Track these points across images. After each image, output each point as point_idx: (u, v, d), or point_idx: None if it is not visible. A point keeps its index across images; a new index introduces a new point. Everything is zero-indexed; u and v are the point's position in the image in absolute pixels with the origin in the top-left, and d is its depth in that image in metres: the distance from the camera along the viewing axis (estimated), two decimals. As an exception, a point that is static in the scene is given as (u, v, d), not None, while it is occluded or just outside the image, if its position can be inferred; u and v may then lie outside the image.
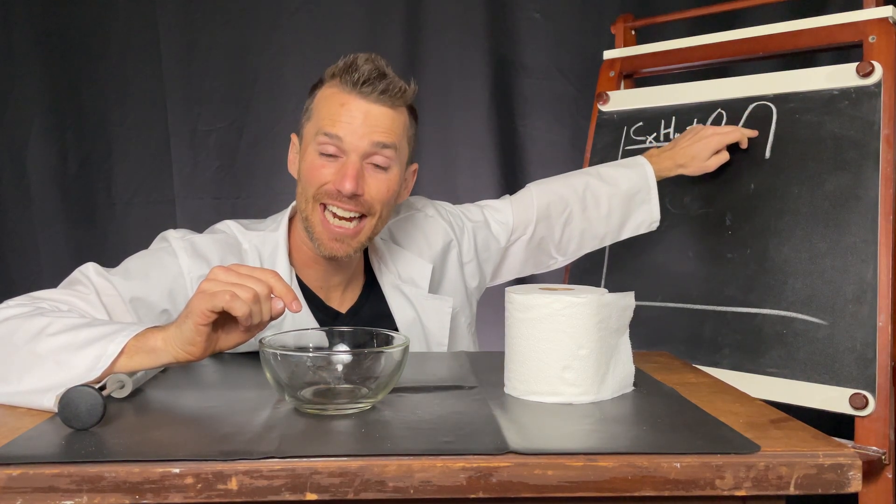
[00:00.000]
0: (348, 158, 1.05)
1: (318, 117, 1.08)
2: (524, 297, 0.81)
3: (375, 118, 1.05)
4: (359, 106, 1.05)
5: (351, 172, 1.04)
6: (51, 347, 0.80)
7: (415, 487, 0.61)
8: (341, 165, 1.06)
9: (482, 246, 1.32)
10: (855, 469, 0.63)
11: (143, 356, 0.81)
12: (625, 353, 0.85)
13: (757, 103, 1.43)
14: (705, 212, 1.46)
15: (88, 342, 0.80)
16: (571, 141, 1.96)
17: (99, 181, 1.97)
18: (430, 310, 1.21)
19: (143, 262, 1.07)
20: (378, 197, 1.08)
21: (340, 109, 1.05)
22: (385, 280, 1.21)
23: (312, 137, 1.08)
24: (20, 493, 0.58)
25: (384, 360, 0.75)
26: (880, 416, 1.17)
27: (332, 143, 1.05)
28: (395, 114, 1.07)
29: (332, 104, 1.06)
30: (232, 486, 0.60)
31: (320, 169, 1.07)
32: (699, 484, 0.62)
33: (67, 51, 1.92)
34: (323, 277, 1.16)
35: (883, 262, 1.21)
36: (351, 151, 1.05)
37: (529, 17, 1.97)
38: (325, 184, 1.06)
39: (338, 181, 1.05)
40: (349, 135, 1.05)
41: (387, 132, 1.06)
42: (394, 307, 1.19)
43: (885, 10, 1.30)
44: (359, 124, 1.04)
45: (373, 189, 1.07)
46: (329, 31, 1.95)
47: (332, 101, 1.07)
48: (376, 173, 1.07)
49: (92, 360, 0.79)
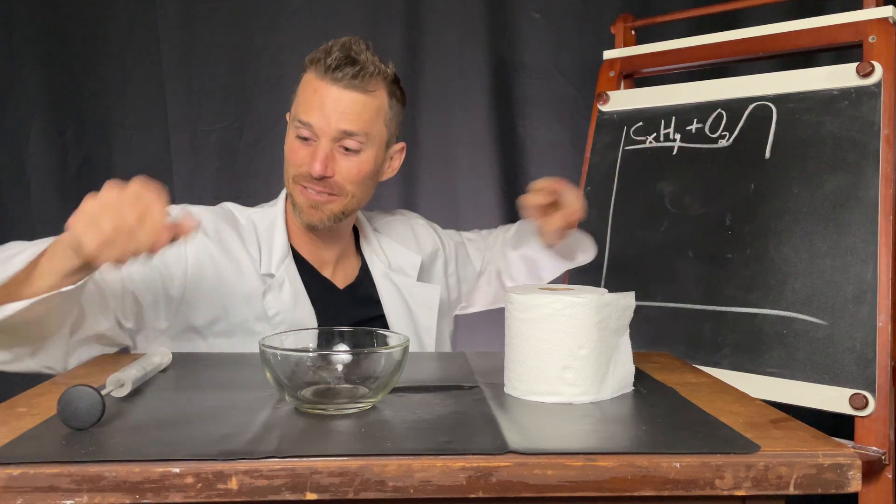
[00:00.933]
0: (319, 143, 1.11)
1: (296, 103, 1.15)
2: (524, 297, 0.81)
3: (346, 104, 1.10)
4: (329, 92, 1.10)
5: (319, 156, 1.10)
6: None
7: (415, 487, 0.61)
8: (313, 150, 1.12)
9: (462, 263, 1.41)
10: (855, 469, 0.63)
11: (55, 259, 0.86)
12: (625, 353, 0.85)
13: (757, 103, 1.43)
14: (705, 212, 1.46)
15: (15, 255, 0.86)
16: (571, 141, 1.96)
17: (99, 181, 1.95)
18: (418, 296, 1.27)
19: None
20: (349, 178, 1.14)
21: (313, 96, 1.11)
22: (375, 268, 1.26)
23: (292, 122, 1.15)
24: (20, 493, 0.58)
25: (384, 360, 0.75)
26: (880, 416, 1.17)
27: (306, 129, 1.11)
28: (366, 98, 1.12)
29: (308, 90, 1.12)
30: (232, 485, 0.60)
31: (296, 152, 1.14)
32: (699, 484, 0.62)
33: (67, 51, 1.92)
34: (315, 251, 1.23)
35: (883, 262, 1.21)
36: (321, 136, 1.11)
37: (529, 17, 1.97)
38: (301, 166, 1.13)
39: (308, 163, 1.11)
40: (319, 120, 1.10)
41: (355, 119, 1.11)
42: (382, 293, 1.24)
43: (885, 10, 1.30)
44: (329, 111, 1.10)
45: (343, 171, 1.13)
46: (329, 31, 1.94)
47: (307, 87, 1.13)
48: (347, 156, 1.13)
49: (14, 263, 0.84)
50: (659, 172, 1.55)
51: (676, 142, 1.54)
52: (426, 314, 1.26)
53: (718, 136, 1.48)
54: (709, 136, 1.49)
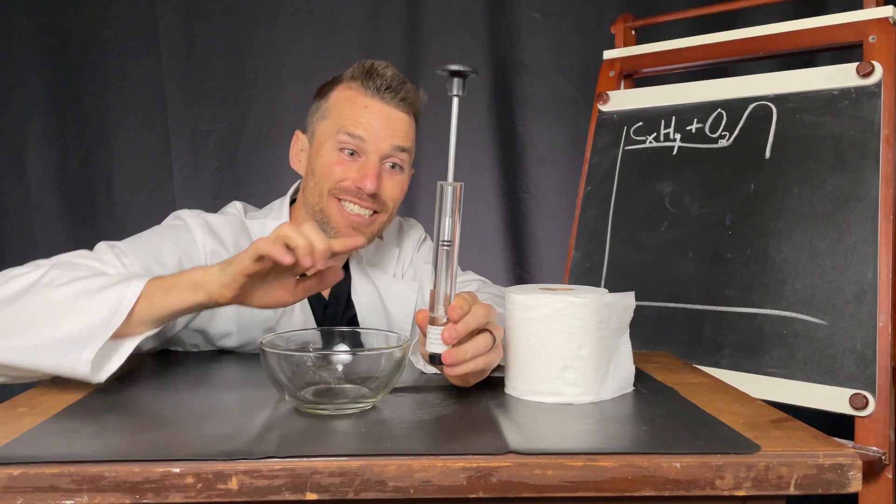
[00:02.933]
0: (368, 158, 1.11)
1: (338, 117, 1.12)
2: (524, 297, 0.81)
3: (396, 122, 1.12)
4: (381, 109, 1.11)
5: (372, 172, 1.09)
6: (66, 295, 0.79)
7: (415, 487, 0.61)
8: (362, 165, 1.11)
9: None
10: (855, 469, 0.63)
11: (176, 293, 0.80)
12: (625, 354, 0.85)
13: (757, 103, 1.43)
14: (705, 212, 1.46)
15: (105, 287, 0.79)
16: (571, 141, 1.96)
17: (99, 181, 1.96)
18: (393, 294, 1.25)
19: (155, 235, 1.08)
20: (392, 196, 1.14)
21: (364, 111, 1.11)
22: (352, 263, 1.24)
23: (331, 136, 1.12)
24: (20, 493, 0.58)
25: (384, 360, 0.75)
26: (880, 417, 1.17)
27: (354, 142, 1.10)
28: (410, 119, 1.14)
29: (355, 106, 1.11)
30: (232, 485, 0.60)
31: (338, 165, 1.11)
32: (699, 484, 0.62)
33: (67, 51, 1.92)
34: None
35: (883, 262, 1.21)
36: (372, 152, 1.10)
37: (529, 17, 1.97)
38: (343, 180, 1.11)
39: (358, 179, 1.10)
40: (372, 136, 1.10)
41: (405, 136, 1.13)
42: (357, 291, 1.22)
43: (885, 10, 1.30)
44: (381, 127, 1.10)
45: (388, 189, 1.13)
46: (329, 31, 1.95)
47: (354, 102, 1.12)
48: (392, 174, 1.14)
49: (113, 302, 0.77)
50: (659, 172, 1.55)
51: (676, 142, 1.54)
52: (403, 315, 1.25)
53: (718, 136, 1.48)
54: (709, 136, 1.49)
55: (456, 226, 0.78)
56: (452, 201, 0.78)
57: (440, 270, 0.77)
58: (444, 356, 0.75)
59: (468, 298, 0.77)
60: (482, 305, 0.78)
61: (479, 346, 0.77)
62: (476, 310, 0.76)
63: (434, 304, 0.77)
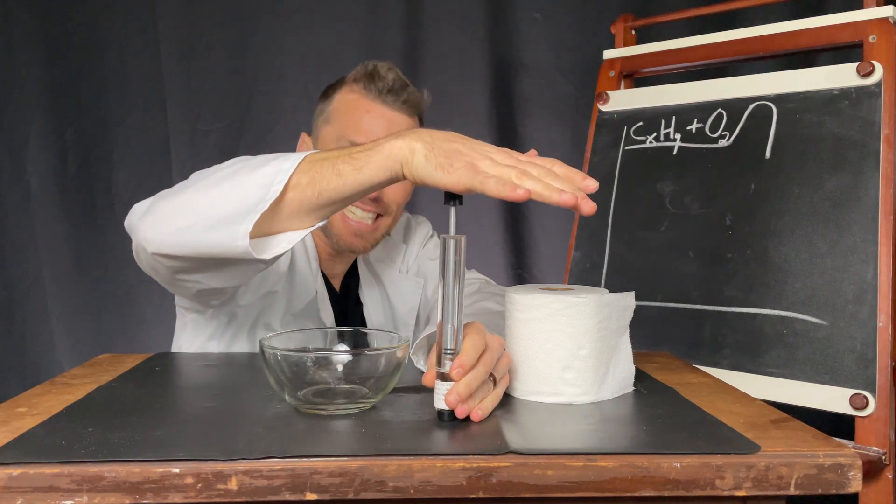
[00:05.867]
0: None
1: (340, 122, 1.12)
2: (524, 297, 0.81)
3: (398, 126, 1.11)
4: (383, 113, 1.11)
5: None
6: (222, 175, 0.77)
7: (415, 487, 0.61)
8: None
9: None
10: (855, 469, 0.63)
11: (326, 175, 0.74)
12: (625, 354, 0.85)
13: (757, 103, 1.43)
14: (705, 212, 1.46)
15: (262, 164, 0.76)
16: (571, 141, 1.96)
17: (99, 181, 1.97)
18: (398, 290, 1.26)
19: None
20: (395, 199, 1.15)
21: (366, 116, 1.10)
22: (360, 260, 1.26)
23: (333, 142, 1.12)
24: (20, 493, 0.58)
25: (384, 360, 0.75)
26: (880, 417, 1.17)
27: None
28: (412, 122, 1.14)
29: (357, 110, 1.11)
30: (232, 485, 0.60)
31: None
32: (699, 484, 0.62)
33: (67, 51, 1.92)
34: (331, 266, 1.23)
35: (883, 262, 1.21)
36: None
37: (529, 17, 1.97)
38: None
39: None
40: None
41: None
42: (364, 288, 1.24)
43: (885, 10, 1.30)
44: (382, 132, 1.09)
45: (391, 191, 1.13)
46: (329, 31, 1.95)
47: (355, 106, 1.11)
48: None
49: (270, 175, 0.74)
50: (659, 172, 1.55)
51: (676, 142, 1.54)
52: (407, 310, 1.26)
53: (718, 136, 1.48)
54: (709, 136, 1.49)
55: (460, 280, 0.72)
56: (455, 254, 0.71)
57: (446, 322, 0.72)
58: (457, 413, 0.71)
59: (471, 353, 0.71)
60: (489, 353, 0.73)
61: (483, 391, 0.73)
62: (479, 367, 0.72)
63: (441, 357, 0.72)
